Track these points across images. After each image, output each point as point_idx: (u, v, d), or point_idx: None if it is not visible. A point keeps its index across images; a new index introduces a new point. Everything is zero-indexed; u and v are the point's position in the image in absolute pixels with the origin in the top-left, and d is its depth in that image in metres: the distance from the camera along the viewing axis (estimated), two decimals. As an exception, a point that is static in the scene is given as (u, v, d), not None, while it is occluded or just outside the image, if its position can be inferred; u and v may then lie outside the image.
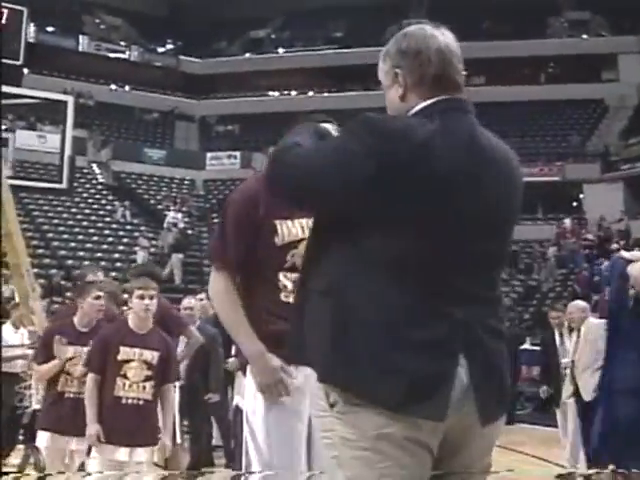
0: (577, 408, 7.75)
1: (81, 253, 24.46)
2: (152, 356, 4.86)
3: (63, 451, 5.16)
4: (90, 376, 4.85)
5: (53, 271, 21.69)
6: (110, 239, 26.10)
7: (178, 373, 5.47)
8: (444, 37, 2.19)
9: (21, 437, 8.40)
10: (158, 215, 28.01)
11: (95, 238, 25.79)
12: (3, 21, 12.94)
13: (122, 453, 4.77)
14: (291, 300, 2.79)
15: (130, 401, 4.78)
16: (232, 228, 3.03)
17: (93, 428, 4.74)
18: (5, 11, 13.09)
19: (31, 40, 24.82)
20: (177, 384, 6.64)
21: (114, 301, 6.05)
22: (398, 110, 2.21)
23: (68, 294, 17.38)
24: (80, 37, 36.05)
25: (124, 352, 4.82)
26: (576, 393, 7.61)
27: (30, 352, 7.13)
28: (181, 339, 6.62)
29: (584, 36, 33.88)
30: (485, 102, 22.73)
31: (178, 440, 6.82)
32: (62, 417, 5.09)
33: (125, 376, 4.79)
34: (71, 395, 5.10)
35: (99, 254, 24.54)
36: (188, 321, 7.02)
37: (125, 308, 5.39)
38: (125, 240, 26.07)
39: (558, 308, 8.64)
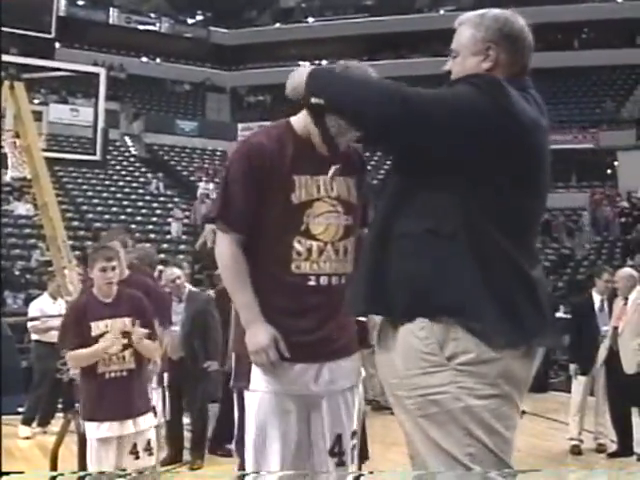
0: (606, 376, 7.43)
1: (115, 225, 24.65)
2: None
3: (115, 439, 4.72)
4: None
5: (88, 243, 21.90)
6: (144, 211, 26.29)
7: (170, 317, 5.26)
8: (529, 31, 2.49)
9: (60, 405, 8.59)
10: (191, 187, 28.13)
11: (129, 210, 26.00)
12: (35, -5, 13.00)
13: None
14: (304, 271, 2.71)
15: (113, 374, 4.66)
16: (240, 184, 2.68)
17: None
18: (37, -15, 13.14)
19: (62, 14, 24.92)
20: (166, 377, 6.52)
21: (148, 267, 6.02)
22: None
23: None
24: (110, 10, 36.15)
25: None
26: (609, 361, 7.35)
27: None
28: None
29: (618, 0, 33.31)
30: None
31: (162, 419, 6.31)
32: (108, 401, 4.65)
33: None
34: (112, 375, 4.67)
35: (133, 226, 24.69)
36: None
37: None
38: (158, 212, 26.22)
39: (611, 272, 7.81)
